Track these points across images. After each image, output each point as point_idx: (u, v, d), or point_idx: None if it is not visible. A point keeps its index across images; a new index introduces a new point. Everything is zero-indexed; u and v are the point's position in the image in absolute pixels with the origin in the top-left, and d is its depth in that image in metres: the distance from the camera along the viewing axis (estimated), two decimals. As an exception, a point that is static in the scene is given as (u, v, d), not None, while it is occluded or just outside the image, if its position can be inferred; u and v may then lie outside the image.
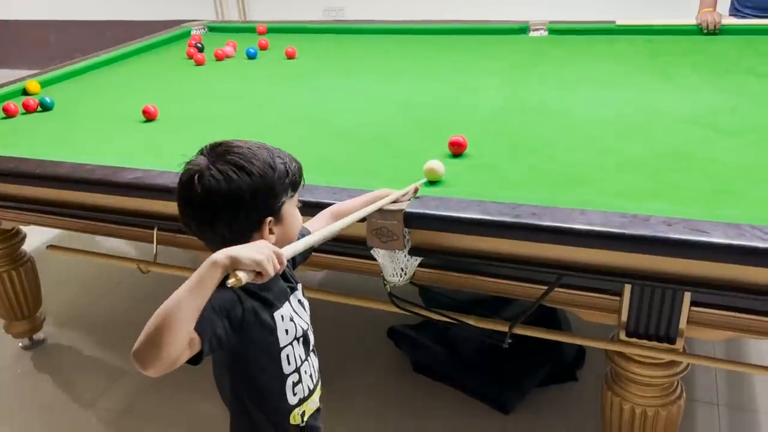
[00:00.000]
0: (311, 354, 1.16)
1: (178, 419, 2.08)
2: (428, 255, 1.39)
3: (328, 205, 1.33)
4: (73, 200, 1.72)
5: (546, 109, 1.98)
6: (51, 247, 2.03)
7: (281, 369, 1.08)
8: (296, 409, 1.12)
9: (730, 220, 1.21)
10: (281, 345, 1.07)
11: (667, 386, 1.51)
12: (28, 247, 2.29)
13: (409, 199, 1.36)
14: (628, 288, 1.39)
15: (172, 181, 1.54)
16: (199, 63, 2.72)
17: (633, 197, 1.38)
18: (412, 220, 1.32)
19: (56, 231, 2.22)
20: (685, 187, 1.42)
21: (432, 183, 1.50)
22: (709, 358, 1.44)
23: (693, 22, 2.69)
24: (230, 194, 0.98)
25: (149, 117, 2.06)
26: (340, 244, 1.47)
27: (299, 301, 1.14)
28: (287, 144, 1.43)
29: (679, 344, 1.41)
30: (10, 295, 2.28)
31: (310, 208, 1.33)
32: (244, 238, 1.00)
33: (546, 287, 1.41)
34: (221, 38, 3.08)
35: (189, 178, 1.01)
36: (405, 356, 2.22)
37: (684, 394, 1.54)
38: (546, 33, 2.85)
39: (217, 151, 1.02)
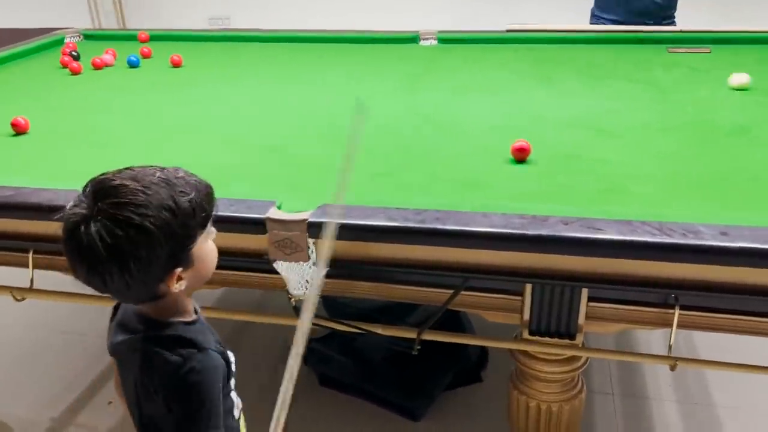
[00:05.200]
0: None
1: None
2: (333, 265, 1.35)
3: (227, 218, 1.27)
4: (-69, 224, 1.53)
5: (438, 116, 2.00)
6: None
7: (230, 395, 1.05)
8: (240, 424, 1.10)
9: (620, 217, 1.27)
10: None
11: (569, 381, 1.56)
12: None
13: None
14: (528, 287, 1.42)
15: (48, 199, 1.43)
16: (74, 72, 2.53)
17: (527, 199, 1.42)
18: (316, 229, 1.28)
19: None
20: (575, 188, 1.48)
21: None
22: (607, 351, 1.51)
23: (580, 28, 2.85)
24: (120, 254, 0.84)
25: (19, 130, 1.88)
26: (237, 259, 1.41)
27: None
28: (176, 155, 1.35)
29: (579, 339, 1.46)
30: None
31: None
32: (147, 290, 0.90)
33: (452, 291, 1.41)
34: (98, 46, 2.90)
35: (70, 228, 0.86)
36: (310, 371, 2.17)
37: (585, 388, 1.60)
38: (436, 42, 2.90)
39: (101, 197, 0.85)
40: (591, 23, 3.18)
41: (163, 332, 0.93)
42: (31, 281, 1.66)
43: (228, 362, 0.99)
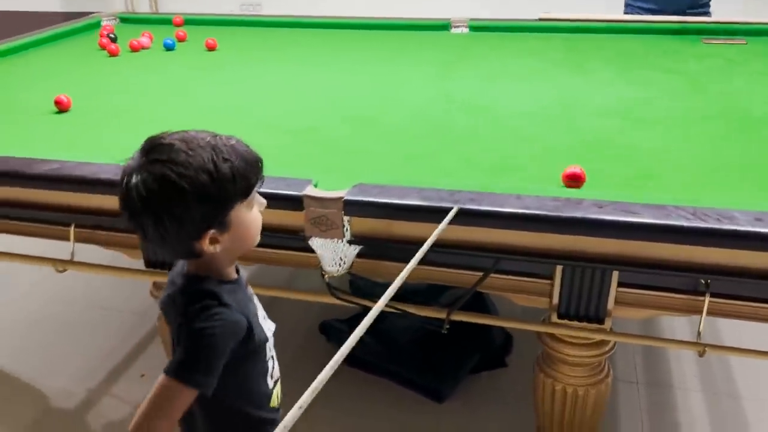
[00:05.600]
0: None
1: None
2: (368, 243, 1.38)
3: (265, 195, 1.30)
4: (-20, 195, 1.59)
5: (471, 102, 2.02)
6: (-46, 248, 1.87)
7: (266, 362, 1.08)
8: (273, 392, 1.12)
9: (653, 201, 1.28)
10: (268, 341, 1.07)
11: (596, 366, 1.57)
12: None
13: None
14: (559, 271, 1.44)
15: (92, 173, 1.48)
16: (112, 54, 2.59)
17: (559, 183, 1.43)
18: (352, 207, 1.31)
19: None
20: (609, 173, 1.49)
21: None
22: (636, 336, 1.51)
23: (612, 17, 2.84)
24: (155, 207, 0.89)
25: (62, 108, 1.94)
26: (274, 235, 1.44)
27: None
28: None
29: (607, 324, 1.48)
30: None
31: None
32: (182, 247, 0.94)
33: (482, 273, 1.43)
34: (134, 29, 2.95)
35: (121, 177, 0.92)
36: (336, 349, 2.20)
37: (611, 373, 1.62)
38: (467, 30, 2.91)
39: (150, 154, 0.90)
40: (625, 13, 3.16)
41: (198, 286, 0.97)
42: (72, 254, 1.72)
43: (252, 327, 1.01)
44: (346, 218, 1.33)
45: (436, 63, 2.45)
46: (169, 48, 2.68)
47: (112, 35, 2.76)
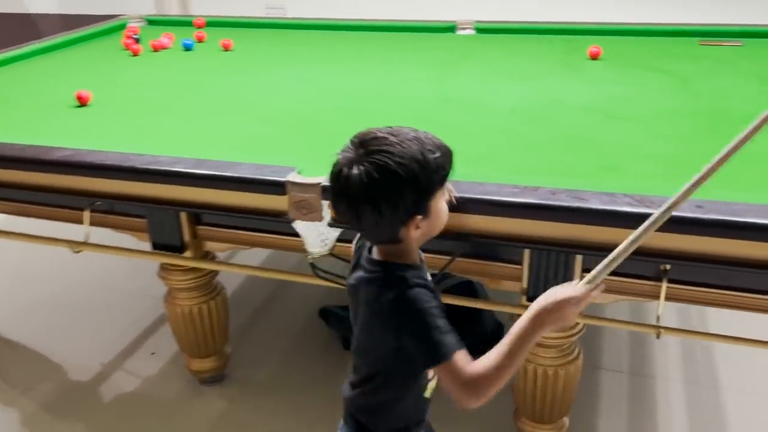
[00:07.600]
0: None
1: (118, 403, 2.13)
2: (346, 226, 1.49)
3: (254, 180, 1.44)
4: (3, 179, 1.75)
5: (464, 99, 2.12)
6: (-19, 229, 2.05)
7: None
8: (429, 384, 1.17)
9: (610, 190, 1.36)
10: None
11: (566, 347, 1.66)
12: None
13: None
14: (527, 256, 1.53)
15: (101, 159, 1.64)
16: (134, 53, 2.76)
17: (530, 173, 1.52)
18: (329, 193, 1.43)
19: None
20: (576, 165, 1.58)
21: None
22: (600, 318, 1.60)
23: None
24: (374, 194, 0.98)
25: (82, 102, 2.11)
26: (262, 219, 1.57)
27: None
28: (216, 125, 1.48)
29: (571, 307, 1.56)
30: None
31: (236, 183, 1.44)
32: (391, 230, 1.02)
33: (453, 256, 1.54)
34: (160, 31, 3.12)
35: (338, 171, 1.01)
36: (335, 335, 2.32)
37: (581, 356, 1.70)
38: (473, 32, 3.00)
39: (366, 146, 1.00)
40: None
41: (399, 273, 1.04)
42: (87, 236, 1.87)
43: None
44: (324, 203, 1.45)
45: (437, 63, 2.55)
46: (187, 48, 2.84)
47: (136, 36, 2.94)
